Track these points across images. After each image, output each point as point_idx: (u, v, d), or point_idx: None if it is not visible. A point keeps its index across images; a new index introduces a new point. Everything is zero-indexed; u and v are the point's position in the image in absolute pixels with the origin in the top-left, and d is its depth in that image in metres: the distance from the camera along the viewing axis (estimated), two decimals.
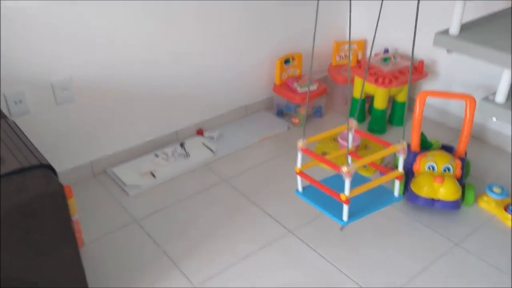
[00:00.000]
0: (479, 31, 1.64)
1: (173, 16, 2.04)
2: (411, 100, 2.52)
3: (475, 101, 1.82)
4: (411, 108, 2.54)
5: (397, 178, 1.54)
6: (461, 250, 1.69)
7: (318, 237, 1.75)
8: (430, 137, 2.10)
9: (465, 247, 1.70)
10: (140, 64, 2.02)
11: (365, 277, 1.59)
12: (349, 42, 1.46)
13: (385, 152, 1.50)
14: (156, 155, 2.14)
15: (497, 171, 2.10)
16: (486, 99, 1.60)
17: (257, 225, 1.81)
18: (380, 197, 1.59)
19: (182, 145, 2.22)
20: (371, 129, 2.39)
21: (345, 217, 1.47)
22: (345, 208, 1.46)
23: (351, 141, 1.68)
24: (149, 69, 2.05)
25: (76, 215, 1.64)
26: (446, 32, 1.63)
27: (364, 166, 2.05)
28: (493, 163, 2.16)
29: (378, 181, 1.51)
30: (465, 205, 1.89)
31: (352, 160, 1.57)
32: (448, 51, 1.63)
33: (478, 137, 2.31)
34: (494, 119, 1.61)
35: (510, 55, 1.46)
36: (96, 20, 1.83)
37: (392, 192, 1.59)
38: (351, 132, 1.67)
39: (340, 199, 1.43)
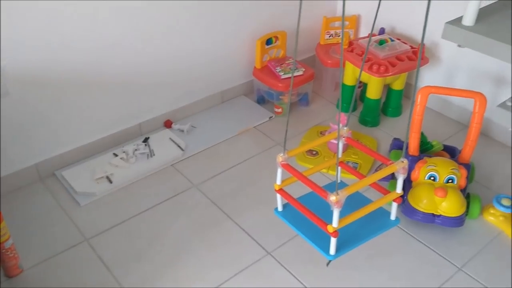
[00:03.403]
0: (500, 20, 1.34)
1: None
2: (409, 87, 2.24)
3: (485, 100, 1.55)
4: (408, 96, 2.27)
5: (395, 200, 1.29)
6: (465, 277, 1.46)
7: (301, 261, 1.50)
8: (430, 132, 1.84)
9: (470, 272, 1.47)
10: (93, 46, 1.69)
11: None
12: (343, 22, 1.16)
13: (383, 174, 1.23)
14: (115, 154, 1.84)
15: (504, 174, 1.86)
16: (503, 105, 1.33)
17: (231, 244, 1.55)
18: (374, 221, 1.33)
19: (145, 141, 1.92)
20: (363, 121, 2.12)
21: (332, 250, 1.22)
22: (333, 241, 1.20)
23: (341, 151, 1.41)
24: (104, 51, 1.73)
25: (10, 240, 1.38)
26: (458, 21, 1.33)
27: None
28: (499, 165, 1.91)
29: (373, 205, 1.25)
30: (469, 218, 1.65)
31: (344, 190, 1.30)
32: (460, 46, 1.34)
33: (482, 131, 2.05)
34: (510, 129, 1.34)
35: None
36: None
37: (388, 214, 1.34)
38: (342, 141, 1.40)
39: (327, 230, 1.18)
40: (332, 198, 1.12)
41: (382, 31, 2.18)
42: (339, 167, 1.37)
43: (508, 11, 1.42)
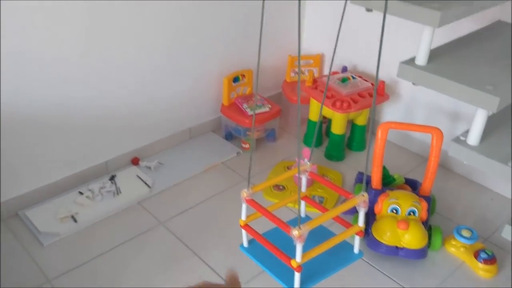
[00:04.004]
0: (451, 60, 1.43)
1: (102, 21, 1.73)
2: (372, 123, 2.31)
3: (442, 135, 1.62)
4: (372, 130, 2.33)
5: (357, 233, 1.31)
6: None
7: None
8: (392, 166, 1.90)
9: None
10: (58, 85, 1.70)
11: None
12: (299, 59, 1.20)
13: (344, 208, 1.26)
14: (81, 193, 1.83)
15: (464, 205, 1.93)
16: (457, 140, 1.40)
17: (196, 281, 1.54)
18: (338, 254, 1.35)
19: (112, 178, 1.91)
20: (329, 155, 2.17)
21: (296, 285, 1.23)
22: (297, 275, 1.21)
23: (304, 185, 1.44)
24: (70, 89, 1.74)
25: None
26: (411, 61, 1.41)
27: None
28: (459, 196, 1.98)
29: (336, 239, 1.27)
30: (431, 250, 1.69)
31: (306, 224, 1.33)
32: (414, 84, 1.41)
33: (442, 164, 2.13)
34: (465, 162, 1.41)
35: (486, 94, 1.25)
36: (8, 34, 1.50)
37: (351, 247, 1.36)
38: (304, 175, 1.43)
39: (291, 265, 1.19)
40: (295, 232, 1.14)
41: (344, 69, 2.26)
42: (303, 201, 1.40)
43: (457, 51, 1.50)
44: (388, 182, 1.79)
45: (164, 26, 1.91)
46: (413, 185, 1.81)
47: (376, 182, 1.71)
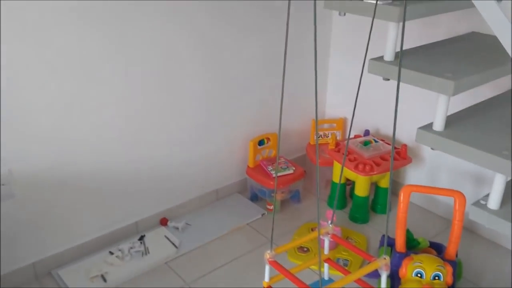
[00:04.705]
0: (468, 126, 1.48)
1: (130, 93, 1.86)
2: (396, 185, 2.34)
3: (464, 198, 1.64)
4: (396, 193, 2.36)
5: None
6: None
7: None
8: (417, 230, 1.90)
9: None
10: (92, 149, 1.82)
11: None
12: (316, 124, 1.27)
13: (365, 271, 1.28)
14: (111, 253, 1.89)
15: (492, 271, 1.89)
16: (477, 204, 1.42)
17: None
18: None
19: (141, 239, 1.98)
20: (353, 218, 2.19)
21: None
22: None
23: (327, 247, 1.47)
24: (102, 153, 1.85)
25: None
26: (429, 127, 1.47)
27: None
28: (487, 261, 1.95)
29: None
30: None
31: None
32: (433, 148, 1.46)
33: (469, 228, 2.11)
34: (486, 226, 1.42)
35: (502, 159, 1.29)
36: (37, 103, 1.64)
37: None
38: (326, 237, 1.46)
39: None
40: None
41: (367, 133, 2.33)
42: (326, 264, 1.42)
43: (474, 117, 1.56)
44: (412, 245, 1.79)
45: (193, 91, 2.04)
46: (438, 249, 1.80)
47: (400, 245, 1.72)
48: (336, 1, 1.53)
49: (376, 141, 2.20)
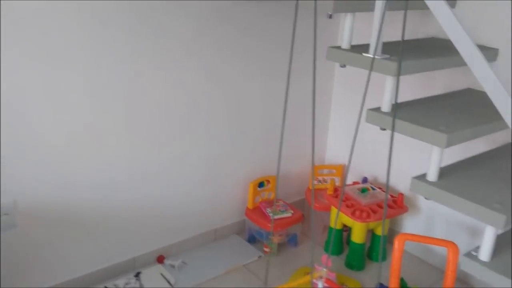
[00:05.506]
0: (461, 178, 1.52)
1: (133, 130, 1.92)
2: (392, 233, 2.36)
3: (457, 249, 1.65)
4: (392, 241, 2.37)
5: None
6: None
7: None
8: (411, 278, 1.91)
9: None
10: (94, 184, 1.86)
11: None
12: (311, 170, 1.32)
13: None
14: None
15: None
16: (468, 255, 1.44)
17: None
18: None
19: (137, 275, 1.99)
20: (349, 264, 2.20)
21: None
22: None
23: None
24: (105, 189, 1.90)
25: None
26: (423, 177, 1.51)
27: None
28: None
29: None
30: None
31: None
32: (427, 198, 1.50)
33: (463, 279, 2.12)
34: (477, 277, 1.43)
35: (492, 211, 1.32)
36: (42, 138, 1.70)
37: None
38: (321, 281, 1.49)
39: None
40: None
41: (365, 180, 2.37)
42: None
43: (468, 170, 1.60)
44: None
45: (197, 132, 2.11)
46: None
47: None
48: (337, 52, 1.61)
49: (373, 189, 2.24)
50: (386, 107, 1.57)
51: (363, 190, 2.22)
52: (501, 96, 1.35)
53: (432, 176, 1.50)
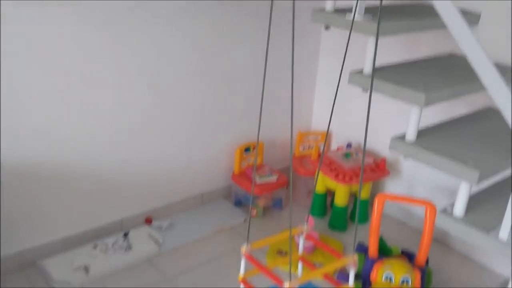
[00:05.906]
0: (439, 138, 1.57)
1: (121, 96, 1.95)
2: (374, 196, 2.42)
3: (435, 208, 1.72)
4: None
5: None
6: None
7: None
8: (391, 239, 1.98)
9: None
10: (82, 146, 1.89)
11: None
12: (291, 134, 1.36)
13: (334, 266, 1.36)
14: (95, 246, 1.95)
15: (461, 282, 1.97)
16: (444, 211, 1.50)
17: None
18: None
19: (125, 235, 2.04)
20: (332, 226, 2.27)
21: None
22: None
23: (301, 247, 1.55)
24: (91, 149, 1.92)
25: None
26: (402, 137, 1.56)
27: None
28: (458, 272, 2.02)
29: None
30: None
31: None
32: (405, 157, 1.55)
33: (442, 241, 2.20)
34: (451, 233, 1.50)
35: (466, 167, 1.38)
36: (26, 93, 1.71)
37: None
38: (302, 236, 1.54)
39: None
40: (286, 285, 1.24)
41: (349, 145, 2.42)
42: (300, 263, 1.50)
43: (446, 130, 1.65)
44: (385, 253, 1.86)
45: (184, 98, 2.13)
46: (409, 257, 1.87)
47: (372, 251, 1.80)
48: (321, 15, 1.63)
49: (357, 154, 2.29)
50: (368, 69, 1.61)
51: (347, 155, 2.27)
52: (481, 60, 1.38)
53: (410, 136, 1.55)
